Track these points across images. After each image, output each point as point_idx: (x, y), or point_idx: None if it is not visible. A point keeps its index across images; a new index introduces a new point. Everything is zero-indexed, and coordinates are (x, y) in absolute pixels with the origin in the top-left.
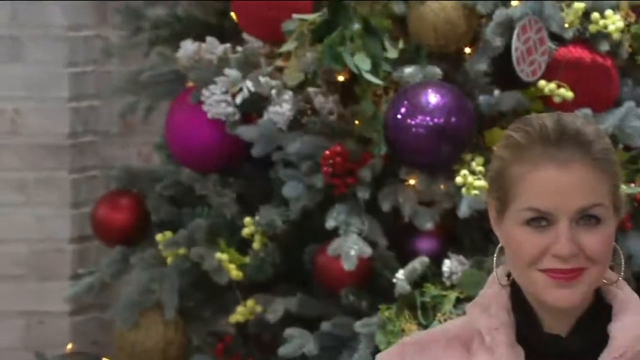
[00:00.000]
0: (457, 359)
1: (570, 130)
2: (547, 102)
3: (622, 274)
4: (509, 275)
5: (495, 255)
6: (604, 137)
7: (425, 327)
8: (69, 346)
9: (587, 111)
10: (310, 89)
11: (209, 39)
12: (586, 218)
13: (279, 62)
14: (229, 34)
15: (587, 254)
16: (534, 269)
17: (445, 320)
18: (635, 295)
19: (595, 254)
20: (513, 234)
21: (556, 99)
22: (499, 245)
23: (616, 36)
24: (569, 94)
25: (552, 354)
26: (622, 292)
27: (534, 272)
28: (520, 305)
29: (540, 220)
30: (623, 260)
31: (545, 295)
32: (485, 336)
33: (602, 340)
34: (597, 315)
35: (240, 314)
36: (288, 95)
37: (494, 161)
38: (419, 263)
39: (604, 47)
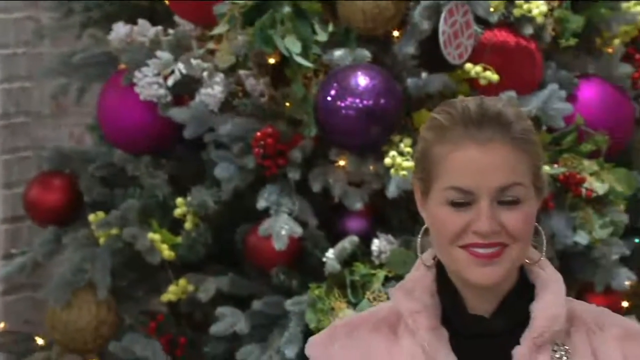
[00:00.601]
0: (384, 342)
1: (491, 112)
2: (473, 85)
3: (544, 253)
4: (435, 257)
5: (419, 236)
6: (525, 119)
7: (355, 305)
8: (1, 325)
9: (512, 93)
10: (242, 72)
11: (140, 21)
12: (506, 197)
13: (211, 45)
14: (160, 16)
15: (508, 232)
16: (455, 246)
17: (374, 298)
18: (557, 274)
19: (516, 232)
20: (436, 213)
21: (482, 82)
22: (424, 227)
23: (540, 20)
24: (494, 76)
25: (476, 334)
26: (543, 272)
27: (455, 249)
28: (445, 287)
29: (461, 199)
30: (545, 240)
31: (467, 273)
32: (407, 319)
33: (525, 319)
34: (521, 295)
35: (172, 293)
36: (219, 77)
37: (418, 143)
38: (348, 242)
39: (528, 30)
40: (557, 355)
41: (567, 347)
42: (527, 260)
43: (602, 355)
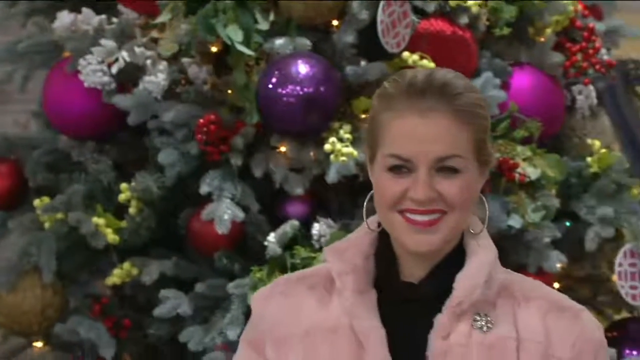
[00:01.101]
0: (318, 300)
1: (436, 83)
2: None
3: (485, 225)
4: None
5: (366, 201)
6: (474, 92)
7: None
8: None
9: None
10: (185, 60)
11: (84, 10)
12: (445, 168)
13: (154, 34)
14: (104, 5)
15: (445, 200)
16: (394, 211)
17: None
18: (490, 247)
19: (452, 200)
20: (378, 179)
21: None
22: (370, 192)
23: (475, 10)
24: (431, 64)
25: (405, 300)
26: (475, 242)
27: (394, 214)
28: (384, 252)
29: (400, 166)
30: (487, 213)
31: (404, 239)
32: (336, 280)
33: (452, 288)
34: (453, 264)
35: (116, 276)
36: (163, 65)
37: (370, 111)
38: (289, 226)
39: (464, 20)
40: (479, 325)
41: (489, 318)
42: (471, 230)
43: (522, 326)
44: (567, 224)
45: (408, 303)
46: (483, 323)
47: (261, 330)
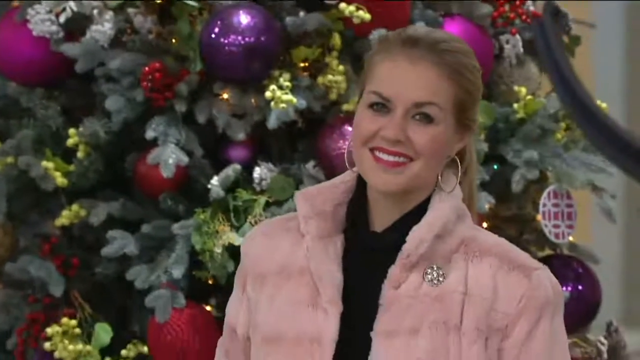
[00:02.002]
0: (291, 242)
1: (433, 37)
2: (347, 24)
3: (457, 184)
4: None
5: (347, 145)
6: (468, 58)
7: (238, 228)
8: None
9: (383, 32)
10: (130, 10)
11: None
12: (421, 115)
13: None
14: None
15: (414, 146)
16: (365, 147)
17: (255, 222)
18: (453, 204)
19: (420, 147)
20: (359, 115)
21: (355, 20)
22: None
23: None
24: (366, 15)
25: (369, 248)
26: (439, 198)
27: (365, 150)
28: (356, 201)
29: (380, 104)
30: (460, 172)
31: (370, 176)
32: (301, 224)
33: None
34: (416, 217)
35: (65, 217)
36: (109, 15)
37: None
38: (231, 170)
39: None
40: (429, 277)
41: (442, 271)
42: (443, 189)
43: (472, 281)
44: (495, 167)
45: (371, 252)
46: (434, 276)
47: (244, 268)
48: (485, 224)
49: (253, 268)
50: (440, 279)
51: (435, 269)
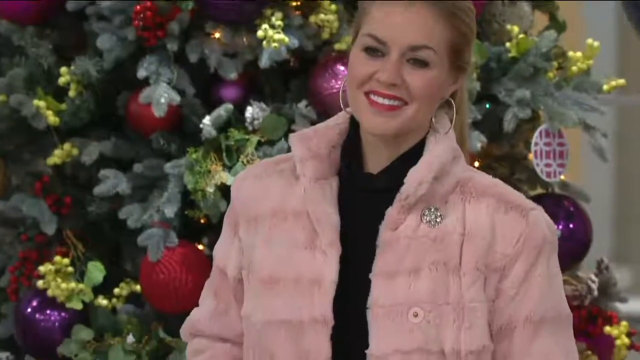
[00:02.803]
0: (285, 184)
1: None
2: None
3: (452, 126)
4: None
5: (341, 87)
6: (466, 5)
7: (230, 168)
8: None
9: None
10: None
11: None
12: (415, 57)
13: None
14: None
15: (409, 90)
16: (360, 90)
17: (247, 161)
18: (449, 146)
19: (415, 91)
20: (353, 58)
21: None
22: (346, 77)
23: None
24: None
25: (363, 189)
26: (434, 139)
27: (360, 93)
28: (350, 142)
29: (375, 49)
30: (455, 115)
31: (364, 119)
32: (297, 165)
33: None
34: (411, 158)
35: (57, 156)
36: None
37: None
38: (223, 110)
39: None
40: (427, 218)
41: (439, 212)
42: (438, 131)
43: (469, 222)
44: (487, 106)
45: (366, 194)
46: (432, 217)
47: (235, 210)
48: (477, 163)
49: (245, 211)
50: (438, 220)
51: (432, 210)
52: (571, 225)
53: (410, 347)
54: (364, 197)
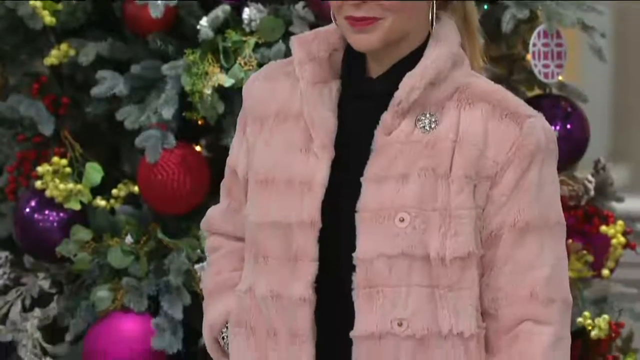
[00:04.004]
0: (289, 86)
1: None
2: None
3: (454, 27)
4: None
5: None
6: None
7: (227, 70)
8: None
9: None
10: None
11: None
12: None
13: None
14: None
15: (381, 5)
16: (341, 15)
17: (245, 63)
18: (448, 49)
19: (388, 5)
20: None
21: None
22: None
23: None
24: None
25: (363, 94)
26: (435, 43)
27: (341, 18)
28: (352, 47)
29: None
30: (434, 11)
31: (350, 40)
32: (296, 69)
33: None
34: (409, 63)
35: (54, 57)
36: None
37: None
38: (221, 11)
39: None
40: (421, 124)
41: (434, 118)
42: (438, 32)
43: (463, 128)
44: (485, 6)
45: (364, 99)
46: (426, 123)
47: (245, 111)
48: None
49: (253, 111)
50: (433, 125)
51: (427, 115)
52: (568, 126)
53: (395, 252)
54: (362, 102)
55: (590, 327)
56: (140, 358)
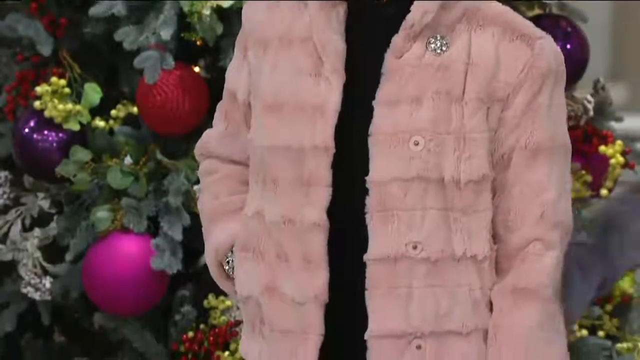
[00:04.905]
0: (293, 10)
1: None
2: None
3: None
4: None
5: None
6: None
7: None
8: None
9: None
10: None
11: None
12: None
13: None
14: None
15: None
16: None
17: None
18: None
19: None
20: None
21: None
22: None
23: None
24: None
25: (371, 17)
26: None
27: None
28: None
29: None
30: None
31: None
32: None
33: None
34: None
35: None
36: None
37: None
38: None
39: None
40: (432, 47)
41: (445, 41)
42: None
43: (475, 51)
44: None
45: (374, 22)
46: (437, 45)
47: (245, 33)
48: None
49: (255, 33)
50: (444, 48)
51: (438, 38)
52: (568, 46)
53: (410, 175)
54: (371, 25)
55: None
56: (140, 278)
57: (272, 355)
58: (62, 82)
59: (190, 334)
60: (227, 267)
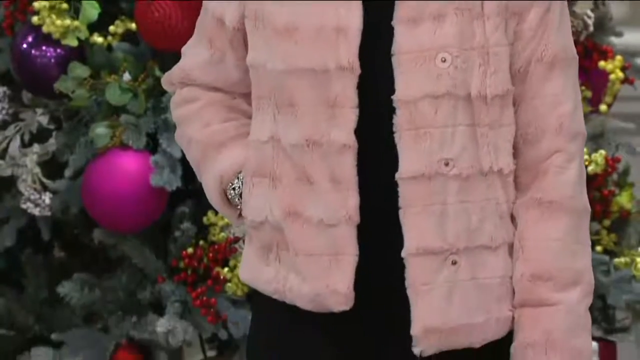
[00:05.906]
0: None
1: None
2: None
3: None
4: None
5: None
6: None
7: None
8: None
9: None
10: None
11: None
12: None
13: None
14: None
15: None
16: None
17: None
18: None
19: None
20: None
21: None
22: None
23: None
24: None
25: None
26: None
27: None
28: None
29: None
30: None
31: None
32: None
33: None
34: None
35: None
36: None
37: None
38: None
39: None
40: None
41: None
42: None
43: None
44: None
45: None
46: None
47: None
48: None
49: None
50: None
51: None
52: None
53: (440, 92)
54: None
55: (586, 163)
56: (139, 195)
57: (297, 279)
58: None
59: (190, 250)
60: (232, 194)
